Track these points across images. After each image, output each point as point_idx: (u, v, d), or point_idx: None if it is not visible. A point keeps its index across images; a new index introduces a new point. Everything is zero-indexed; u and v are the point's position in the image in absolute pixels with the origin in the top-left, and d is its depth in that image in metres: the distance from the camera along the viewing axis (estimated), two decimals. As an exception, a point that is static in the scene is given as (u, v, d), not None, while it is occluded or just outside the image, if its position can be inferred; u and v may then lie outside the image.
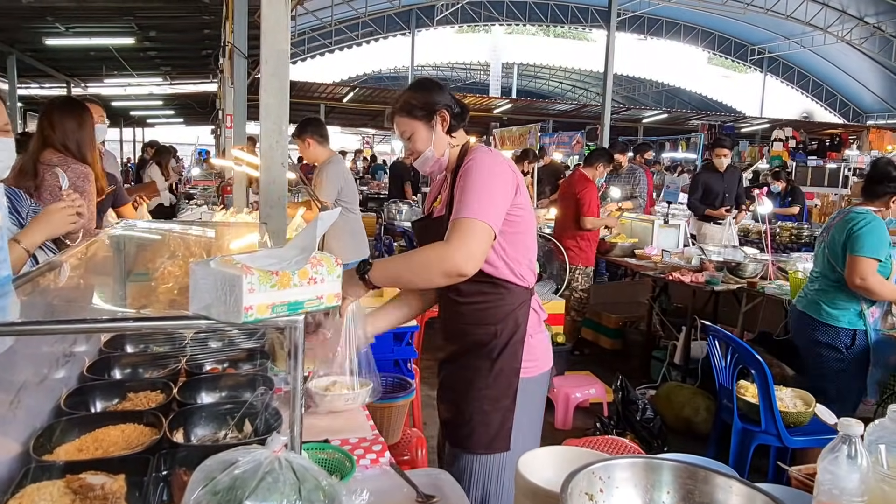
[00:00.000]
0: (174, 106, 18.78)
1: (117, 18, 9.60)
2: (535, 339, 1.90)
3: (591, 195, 5.12)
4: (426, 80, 2.00)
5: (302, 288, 1.05)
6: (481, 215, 1.69)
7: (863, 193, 3.20)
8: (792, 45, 23.42)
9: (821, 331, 3.09)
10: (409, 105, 1.88)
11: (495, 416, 1.84)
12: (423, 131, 1.88)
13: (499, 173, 1.79)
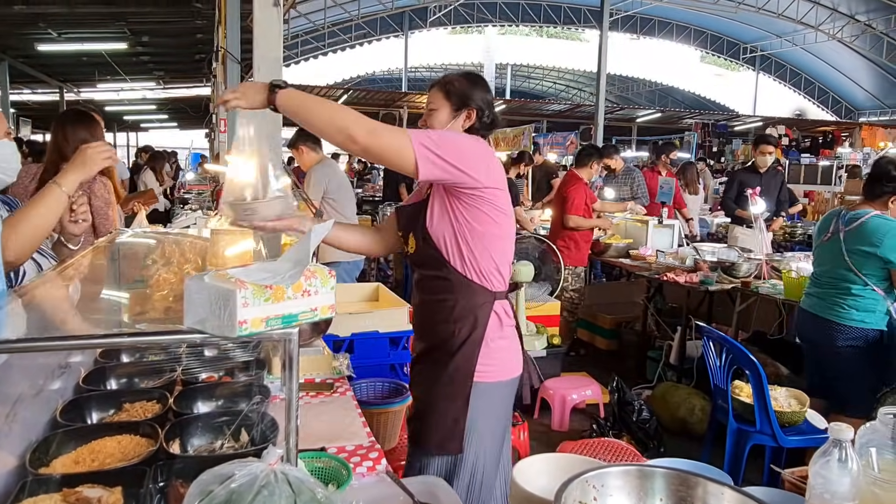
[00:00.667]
0: (168, 110, 18.75)
1: (109, 24, 9.58)
2: (495, 344, 1.88)
3: (576, 193, 5.14)
4: (479, 76, 2.03)
5: (296, 300, 1.06)
6: (420, 137, 1.67)
7: (863, 192, 3.20)
8: (784, 44, 23.49)
9: (846, 334, 3.04)
10: (451, 86, 1.91)
11: (448, 415, 1.85)
12: (445, 114, 1.90)
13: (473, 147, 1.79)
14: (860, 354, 3.03)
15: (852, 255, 3.04)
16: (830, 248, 3.16)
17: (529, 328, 4.43)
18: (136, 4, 8.65)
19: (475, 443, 1.87)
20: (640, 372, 5.07)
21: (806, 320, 3.29)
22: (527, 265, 4.38)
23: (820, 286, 3.24)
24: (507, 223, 1.89)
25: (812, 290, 3.30)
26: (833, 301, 3.11)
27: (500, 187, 1.86)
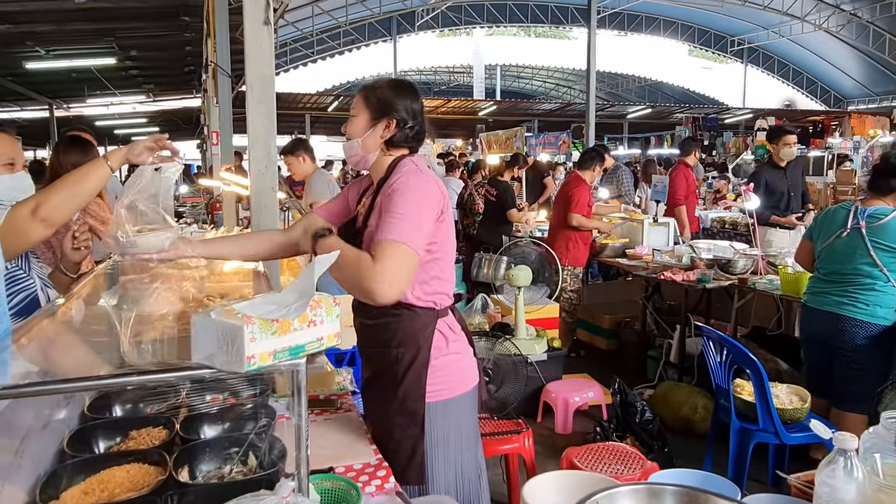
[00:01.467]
0: (158, 123, 18.71)
1: (98, 40, 9.56)
2: (442, 362, 1.85)
3: (581, 193, 5.19)
4: (406, 83, 1.96)
5: (302, 331, 1.06)
6: (407, 238, 1.67)
7: (870, 188, 3.19)
8: (771, 35, 23.62)
9: (867, 330, 3.03)
10: (372, 92, 1.88)
11: (405, 445, 1.81)
12: (363, 121, 1.86)
13: (427, 197, 1.77)
14: (876, 350, 3.03)
15: (878, 251, 3.02)
16: (849, 243, 3.11)
17: (529, 332, 4.45)
18: (124, 20, 8.63)
19: (445, 460, 1.85)
20: (640, 371, 5.08)
21: (818, 319, 3.23)
22: (524, 269, 4.40)
23: (833, 283, 3.18)
24: (447, 242, 1.87)
25: (823, 287, 3.24)
26: (854, 297, 3.07)
27: (446, 214, 1.84)
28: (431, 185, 1.80)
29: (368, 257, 1.68)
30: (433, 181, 1.83)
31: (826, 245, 3.26)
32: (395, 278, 1.66)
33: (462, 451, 1.90)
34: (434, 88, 30.64)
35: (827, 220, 3.32)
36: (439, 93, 30.32)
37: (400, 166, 1.86)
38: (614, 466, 2.57)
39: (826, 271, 3.26)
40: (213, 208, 7.08)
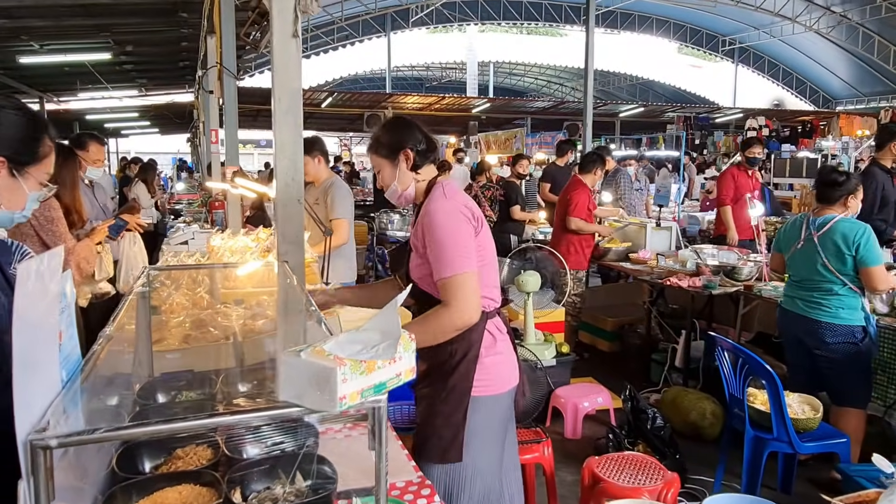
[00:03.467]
0: (150, 117, 18.54)
1: (94, 35, 9.44)
2: (489, 360, 2.03)
3: (580, 197, 5.23)
4: (397, 119, 2.20)
5: (385, 369, 1.09)
6: (460, 267, 1.89)
7: (819, 199, 3.43)
8: (762, 36, 23.82)
9: (836, 331, 3.24)
10: (378, 144, 2.11)
11: (447, 430, 1.99)
12: (388, 168, 2.10)
13: (457, 221, 1.95)
14: (850, 349, 3.22)
15: (829, 259, 3.25)
16: (805, 253, 3.37)
17: (538, 337, 4.48)
18: (121, 16, 8.53)
19: (473, 452, 2.01)
20: (644, 374, 5.15)
21: (791, 321, 3.48)
22: (533, 275, 4.43)
23: (802, 289, 3.42)
24: (487, 252, 2.05)
25: (794, 292, 3.48)
26: (818, 302, 3.31)
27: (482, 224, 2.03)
28: (457, 207, 1.99)
29: (437, 310, 1.92)
30: (458, 203, 2.01)
31: (789, 256, 3.54)
32: (472, 303, 1.92)
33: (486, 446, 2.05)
34: (426, 84, 30.59)
35: (786, 232, 3.61)
36: (431, 88, 30.26)
37: (432, 190, 2.08)
38: (636, 476, 2.61)
39: (796, 278, 3.51)
40: (212, 207, 7.04)
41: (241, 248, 4.62)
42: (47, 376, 1.03)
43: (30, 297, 0.91)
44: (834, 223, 3.28)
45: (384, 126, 2.17)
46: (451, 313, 1.90)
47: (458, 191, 2.11)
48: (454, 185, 2.15)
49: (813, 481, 3.45)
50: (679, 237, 5.83)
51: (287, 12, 2.57)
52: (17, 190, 1.50)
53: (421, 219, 2.01)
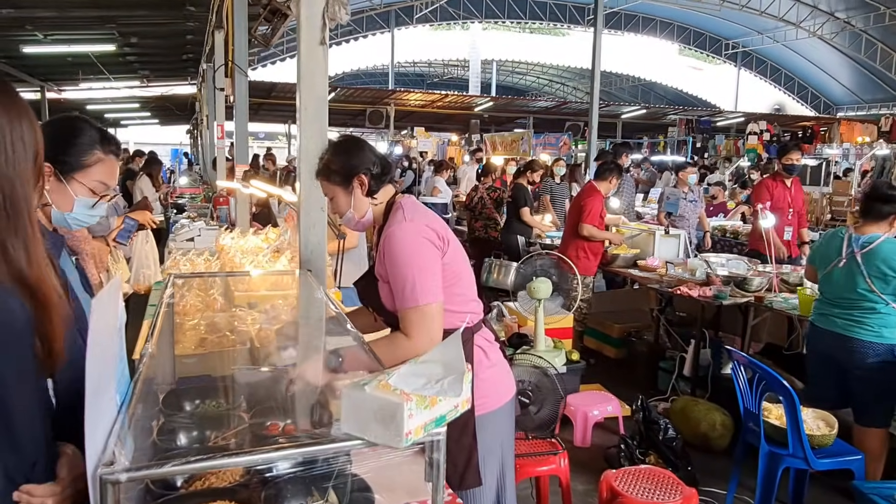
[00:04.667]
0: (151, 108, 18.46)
1: (99, 26, 9.39)
2: (486, 374, 1.98)
3: (593, 203, 5.24)
4: (347, 141, 2.06)
5: (446, 402, 1.08)
6: (423, 298, 1.81)
7: (864, 215, 3.34)
8: (765, 40, 23.83)
9: (875, 350, 3.19)
10: (328, 170, 1.99)
11: (459, 456, 1.92)
12: (342, 195, 1.99)
13: (419, 246, 1.86)
14: (889, 368, 3.17)
15: (873, 278, 3.19)
16: (846, 272, 3.29)
17: (547, 343, 4.49)
18: (128, 8, 8.48)
19: (490, 470, 1.99)
20: (651, 382, 5.15)
21: (825, 338, 3.40)
22: (545, 282, 4.43)
23: (840, 307, 3.33)
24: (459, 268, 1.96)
25: (829, 310, 3.40)
26: (859, 321, 3.24)
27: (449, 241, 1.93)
28: (419, 230, 1.88)
29: (398, 340, 1.84)
30: (419, 225, 1.89)
31: (826, 273, 3.43)
32: (432, 335, 1.82)
33: (504, 457, 2.05)
34: (428, 80, 30.54)
35: (823, 247, 3.51)
36: (432, 85, 30.21)
37: (391, 213, 1.97)
38: (653, 491, 2.62)
39: (830, 295, 3.42)
40: (217, 202, 7.00)
41: (253, 249, 4.61)
42: (109, 404, 1.02)
43: (101, 331, 0.90)
44: (879, 244, 3.18)
45: (334, 149, 2.03)
46: (410, 345, 1.81)
47: (420, 209, 2.00)
48: (414, 203, 2.04)
49: (824, 495, 3.46)
50: (688, 245, 5.83)
51: (315, 19, 2.55)
52: (64, 194, 1.62)
53: (382, 245, 1.91)
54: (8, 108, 1.06)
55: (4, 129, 1.04)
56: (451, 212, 9.43)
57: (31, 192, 1.08)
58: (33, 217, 1.08)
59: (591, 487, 3.56)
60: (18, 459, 1.00)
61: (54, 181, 1.61)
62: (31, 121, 1.10)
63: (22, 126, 1.07)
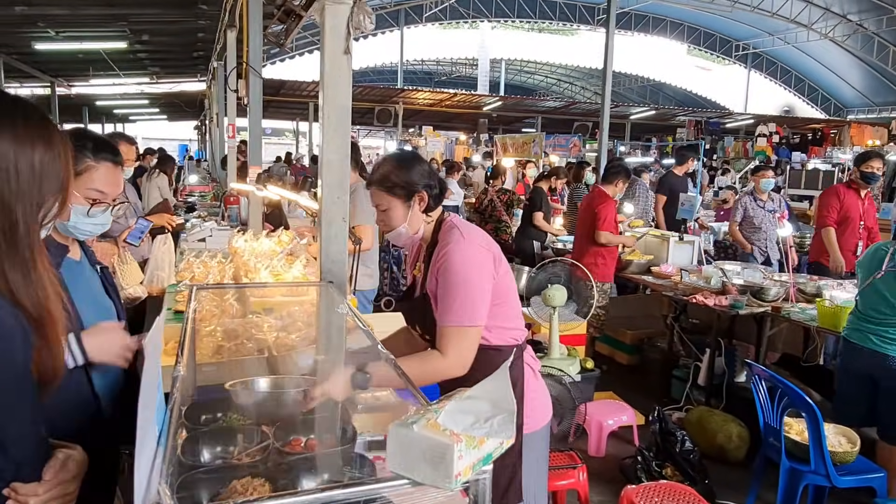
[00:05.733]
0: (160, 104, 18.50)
1: (111, 23, 9.40)
2: (533, 394, 1.99)
3: (608, 210, 5.20)
4: (408, 155, 2.09)
5: (492, 441, 1.06)
6: (467, 320, 1.81)
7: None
8: (776, 42, 23.71)
9: None
10: (390, 182, 1.94)
11: (503, 473, 1.90)
12: (399, 209, 1.95)
13: (476, 267, 1.86)
14: None
15: None
16: (885, 285, 3.19)
17: (562, 351, 4.46)
18: (140, 6, 8.49)
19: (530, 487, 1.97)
20: (664, 390, 5.11)
21: (859, 355, 3.30)
22: (560, 289, 4.40)
23: (873, 322, 3.24)
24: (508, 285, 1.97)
25: (864, 325, 3.29)
26: (893, 338, 3.15)
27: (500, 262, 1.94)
28: (477, 251, 1.90)
29: (432, 357, 1.82)
30: (476, 244, 1.91)
31: (865, 286, 3.34)
32: (465, 357, 1.82)
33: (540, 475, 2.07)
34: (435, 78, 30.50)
35: (867, 260, 3.41)
36: (440, 83, 30.16)
37: (445, 231, 1.96)
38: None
39: (865, 309, 3.33)
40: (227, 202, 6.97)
41: (267, 252, 4.59)
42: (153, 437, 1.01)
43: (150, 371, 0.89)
44: None
45: (396, 162, 2.00)
46: (444, 364, 1.81)
47: (473, 228, 2.02)
48: (464, 221, 2.05)
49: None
50: (701, 252, 5.79)
51: (339, 28, 2.52)
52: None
53: (438, 262, 1.90)
54: (18, 133, 1.07)
55: (9, 155, 1.05)
56: (461, 214, 9.42)
57: (37, 217, 1.09)
58: (35, 242, 1.09)
59: (606, 499, 3.54)
60: (5, 460, 1.05)
61: None
62: (47, 147, 1.10)
63: (34, 152, 1.08)
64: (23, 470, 1.10)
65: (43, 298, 1.10)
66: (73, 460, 1.23)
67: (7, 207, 1.05)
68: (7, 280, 1.05)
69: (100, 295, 1.83)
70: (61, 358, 1.18)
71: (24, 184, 1.07)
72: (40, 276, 1.10)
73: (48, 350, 1.12)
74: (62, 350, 1.18)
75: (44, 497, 1.12)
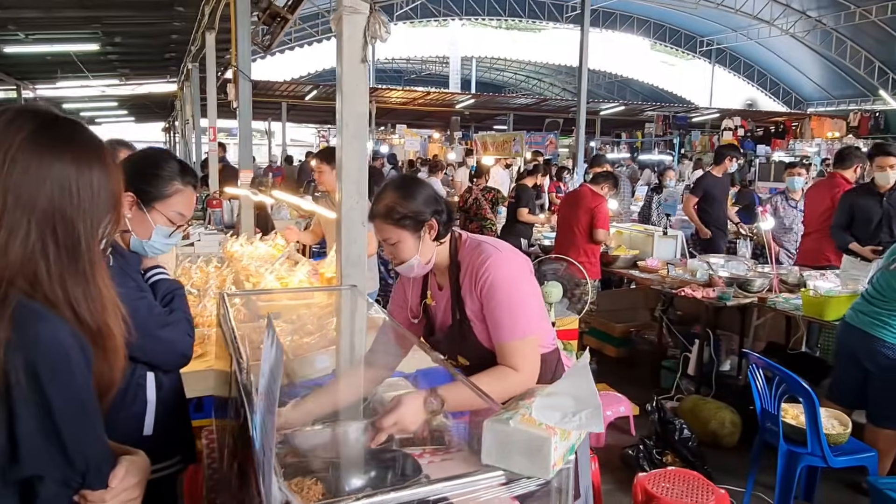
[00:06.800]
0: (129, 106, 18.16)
1: (83, 26, 9.24)
2: None
3: (603, 209, 5.35)
4: (410, 182, 1.96)
5: (574, 433, 1.15)
6: (529, 331, 1.80)
7: None
8: (739, 37, 24.30)
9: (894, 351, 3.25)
10: (397, 214, 1.83)
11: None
12: (410, 241, 1.85)
13: (520, 276, 1.87)
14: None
15: None
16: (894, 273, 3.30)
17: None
18: (115, 8, 8.36)
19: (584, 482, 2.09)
20: (654, 380, 5.28)
21: (851, 335, 3.45)
22: (556, 286, 4.52)
23: (874, 305, 3.36)
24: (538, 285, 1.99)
25: (864, 307, 3.42)
26: (883, 321, 3.29)
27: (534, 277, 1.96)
28: (515, 260, 1.90)
29: (507, 375, 1.76)
30: (513, 254, 1.92)
31: (879, 270, 3.46)
32: (536, 367, 1.82)
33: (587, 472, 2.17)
34: (405, 77, 30.50)
35: (890, 254, 3.49)
36: (410, 81, 30.16)
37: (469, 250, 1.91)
38: (687, 494, 2.72)
39: (870, 293, 3.44)
40: (210, 205, 6.94)
41: (266, 256, 4.62)
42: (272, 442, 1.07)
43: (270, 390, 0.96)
44: None
45: (399, 192, 1.87)
46: (521, 378, 1.76)
47: (496, 239, 2.02)
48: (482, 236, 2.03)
49: (833, 491, 3.61)
50: (684, 246, 5.98)
51: (357, 39, 2.57)
52: (143, 222, 1.73)
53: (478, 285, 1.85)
54: (78, 156, 1.13)
55: (72, 176, 1.11)
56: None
57: (97, 233, 1.16)
58: (95, 258, 1.15)
59: (613, 487, 3.66)
60: (72, 471, 1.10)
61: (136, 210, 1.71)
62: (102, 166, 1.16)
63: (91, 172, 1.14)
64: (90, 477, 1.14)
65: (101, 312, 1.16)
66: (136, 465, 1.26)
67: (70, 224, 1.11)
68: (68, 295, 1.11)
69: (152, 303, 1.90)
70: (119, 370, 1.23)
71: (84, 201, 1.13)
72: (99, 291, 1.16)
73: (106, 362, 1.18)
74: (120, 362, 1.22)
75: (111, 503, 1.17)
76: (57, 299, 1.10)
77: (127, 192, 1.66)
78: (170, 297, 1.74)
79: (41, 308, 1.07)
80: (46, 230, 1.09)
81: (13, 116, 1.13)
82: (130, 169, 1.69)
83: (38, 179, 1.09)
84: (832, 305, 4.00)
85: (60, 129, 1.16)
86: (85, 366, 1.11)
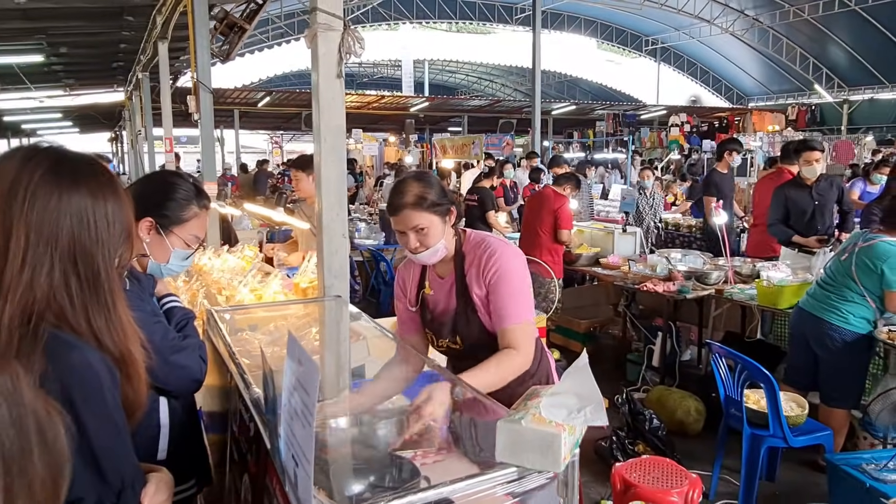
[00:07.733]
0: (74, 117, 17.61)
1: (27, 37, 8.96)
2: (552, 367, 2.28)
3: (567, 210, 5.50)
4: (424, 174, 2.12)
5: (579, 427, 1.25)
6: (529, 315, 2.02)
7: (884, 223, 3.58)
8: (682, 36, 25.09)
9: (843, 335, 3.48)
10: (428, 201, 1.94)
11: None
12: (438, 226, 1.97)
13: (523, 266, 2.06)
14: (853, 353, 3.49)
15: (858, 269, 3.45)
16: (845, 262, 3.54)
17: (529, 345, 4.71)
18: (62, 19, 8.12)
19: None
20: (619, 374, 5.46)
21: (804, 319, 3.69)
22: (525, 286, 4.65)
23: (824, 290, 3.61)
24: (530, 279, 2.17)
25: (815, 292, 3.66)
26: (833, 305, 3.53)
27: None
28: (518, 252, 2.10)
29: (510, 355, 1.93)
30: (516, 248, 2.13)
31: (832, 261, 3.71)
32: (532, 349, 2.03)
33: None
34: (357, 80, 30.39)
35: (850, 238, 3.73)
36: (362, 85, 30.10)
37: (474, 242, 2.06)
38: (663, 480, 2.86)
39: (824, 280, 3.68)
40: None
41: (236, 269, 4.60)
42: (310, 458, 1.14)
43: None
44: (877, 242, 3.42)
45: (424, 181, 2.01)
46: (521, 359, 1.94)
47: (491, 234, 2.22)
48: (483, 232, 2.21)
49: (791, 469, 3.83)
50: (644, 242, 6.19)
51: (332, 55, 2.64)
52: (162, 246, 1.75)
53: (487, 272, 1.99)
54: (93, 189, 1.17)
55: (89, 209, 1.15)
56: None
57: (114, 262, 1.20)
58: (114, 287, 1.20)
59: (588, 479, 3.80)
60: (107, 489, 1.15)
61: (154, 234, 1.73)
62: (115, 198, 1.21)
63: (106, 203, 1.18)
64: (125, 496, 1.19)
65: (124, 339, 1.21)
66: (164, 482, 1.34)
67: (90, 256, 1.16)
68: (91, 325, 1.15)
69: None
70: (142, 393, 1.28)
71: (101, 232, 1.17)
72: (120, 318, 1.21)
73: (130, 387, 1.23)
74: (143, 385, 1.27)
75: None
76: (81, 329, 1.14)
77: (146, 218, 1.70)
78: (184, 322, 1.77)
79: (70, 338, 1.12)
80: (68, 263, 1.13)
81: (30, 154, 1.17)
82: (148, 194, 1.75)
83: (58, 214, 1.13)
84: (784, 294, 4.23)
85: (75, 163, 1.20)
86: (114, 388, 1.16)
